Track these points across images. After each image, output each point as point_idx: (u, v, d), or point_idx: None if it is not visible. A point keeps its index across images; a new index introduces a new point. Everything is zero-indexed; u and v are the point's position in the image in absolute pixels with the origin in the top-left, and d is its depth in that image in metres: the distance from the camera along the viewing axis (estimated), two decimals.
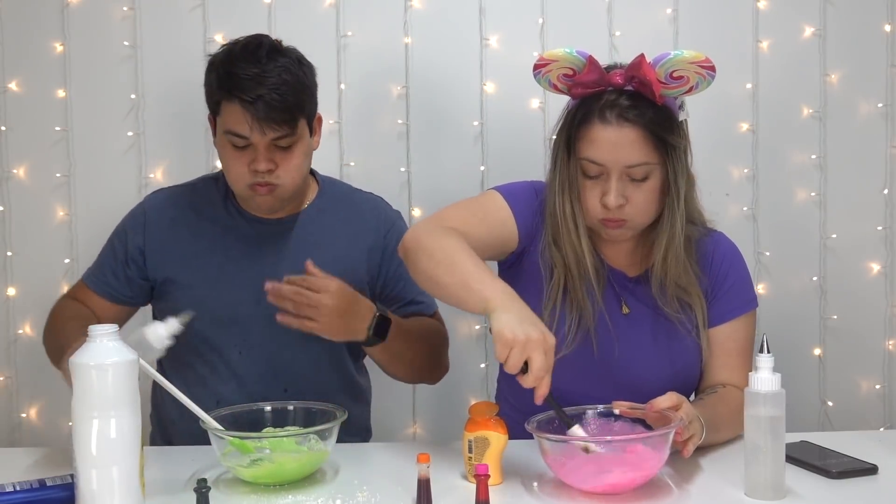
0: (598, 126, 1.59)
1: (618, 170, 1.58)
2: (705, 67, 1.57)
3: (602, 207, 1.61)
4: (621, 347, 1.68)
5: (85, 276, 1.92)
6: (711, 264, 1.72)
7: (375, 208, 1.95)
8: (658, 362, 1.69)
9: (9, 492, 1.38)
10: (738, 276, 1.74)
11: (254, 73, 1.69)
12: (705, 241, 1.73)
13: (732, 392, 1.64)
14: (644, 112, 1.58)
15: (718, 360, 1.71)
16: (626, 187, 1.60)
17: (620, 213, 1.60)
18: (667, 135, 1.59)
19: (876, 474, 1.50)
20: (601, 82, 1.60)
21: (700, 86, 1.60)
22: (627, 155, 1.58)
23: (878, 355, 2.46)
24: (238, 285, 1.82)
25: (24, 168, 2.36)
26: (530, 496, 1.44)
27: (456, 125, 2.39)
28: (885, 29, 2.41)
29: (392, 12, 2.36)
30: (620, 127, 1.57)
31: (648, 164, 1.59)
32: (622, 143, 1.57)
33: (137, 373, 1.34)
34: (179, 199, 1.89)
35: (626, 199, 1.60)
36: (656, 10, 2.38)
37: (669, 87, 1.58)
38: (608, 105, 1.59)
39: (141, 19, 2.34)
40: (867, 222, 2.44)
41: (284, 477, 1.48)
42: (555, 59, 1.63)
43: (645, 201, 1.61)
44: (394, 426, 2.39)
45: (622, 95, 1.59)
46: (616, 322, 1.68)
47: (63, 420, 2.35)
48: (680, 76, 1.58)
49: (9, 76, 2.34)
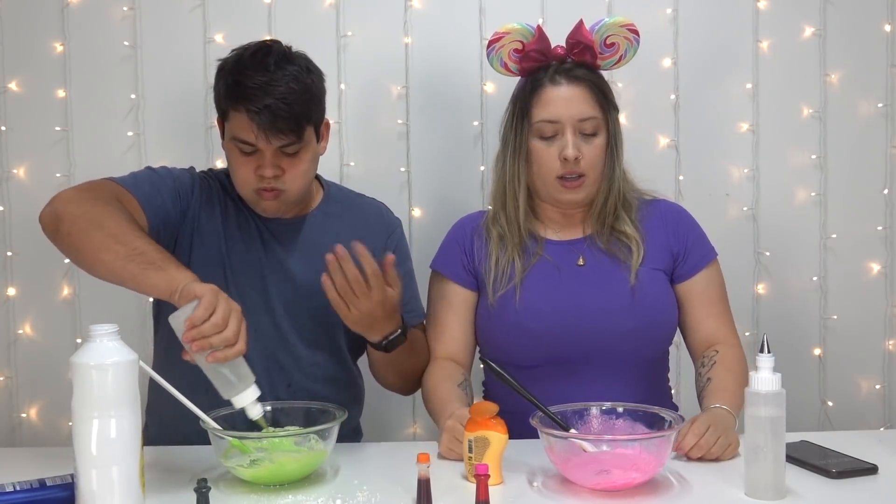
0: (549, 88, 1.79)
1: (571, 124, 1.77)
2: (633, 32, 1.85)
3: (562, 163, 1.77)
4: (582, 295, 1.79)
5: (118, 180, 1.75)
6: (666, 223, 1.87)
7: (379, 214, 1.97)
8: (618, 302, 1.78)
9: (9, 492, 1.38)
10: (696, 231, 1.90)
11: (261, 82, 1.69)
12: (653, 204, 1.90)
13: (727, 354, 1.78)
14: (588, 73, 1.81)
15: (701, 310, 1.84)
16: (580, 144, 1.77)
17: (577, 166, 1.77)
18: (608, 93, 1.82)
19: (876, 474, 1.50)
20: (547, 53, 1.82)
21: (627, 54, 1.87)
22: (579, 108, 1.78)
23: (878, 355, 2.46)
24: (247, 280, 1.82)
25: (24, 168, 2.36)
26: (530, 496, 1.44)
27: (456, 125, 2.39)
28: (885, 29, 2.41)
29: (392, 12, 2.36)
30: (570, 85, 1.79)
31: (596, 119, 1.79)
32: (574, 98, 1.78)
33: (137, 373, 1.34)
34: (210, 182, 1.88)
35: (581, 154, 1.77)
36: (656, 10, 2.38)
37: (604, 56, 1.85)
38: (556, 70, 1.81)
39: (141, 19, 2.34)
40: (867, 222, 2.44)
41: (284, 477, 1.48)
42: (507, 31, 1.84)
43: (596, 157, 1.79)
44: (394, 426, 2.40)
45: (564, 63, 1.82)
46: (574, 277, 1.81)
47: (63, 420, 2.36)
48: (612, 43, 1.84)
49: (9, 76, 2.35)
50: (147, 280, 1.49)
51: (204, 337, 1.41)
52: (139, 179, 1.77)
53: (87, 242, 1.55)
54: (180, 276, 1.48)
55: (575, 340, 1.76)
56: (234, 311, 1.45)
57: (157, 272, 1.49)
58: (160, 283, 1.48)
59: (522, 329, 1.77)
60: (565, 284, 1.80)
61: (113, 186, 1.72)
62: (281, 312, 1.83)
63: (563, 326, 1.76)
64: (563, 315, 1.77)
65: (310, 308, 1.83)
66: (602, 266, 1.82)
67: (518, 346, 1.78)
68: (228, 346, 1.43)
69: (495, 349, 1.82)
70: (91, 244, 1.55)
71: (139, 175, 1.80)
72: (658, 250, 1.84)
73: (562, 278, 1.81)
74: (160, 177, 1.80)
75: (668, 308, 1.83)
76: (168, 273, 1.49)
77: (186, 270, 1.51)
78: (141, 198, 1.72)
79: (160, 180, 1.79)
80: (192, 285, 1.45)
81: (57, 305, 2.38)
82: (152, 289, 1.50)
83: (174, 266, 1.51)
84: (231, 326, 1.43)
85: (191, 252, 1.81)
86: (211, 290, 1.44)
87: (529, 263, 1.82)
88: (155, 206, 1.74)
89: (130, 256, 1.51)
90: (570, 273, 1.82)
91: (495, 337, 1.82)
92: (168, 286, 1.48)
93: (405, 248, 1.98)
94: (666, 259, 1.84)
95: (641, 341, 1.79)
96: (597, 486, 1.42)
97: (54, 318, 2.38)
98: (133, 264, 1.51)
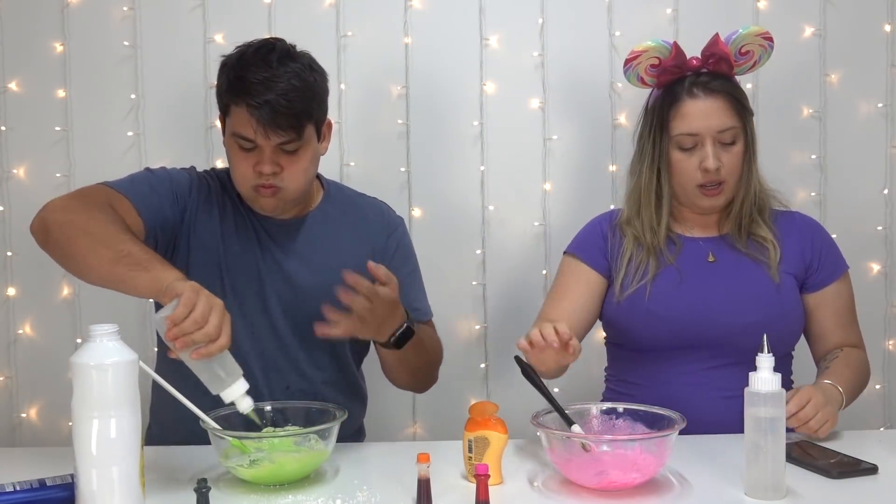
0: (688, 102, 1.82)
1: (711, 136, 1.81)
2: (767, 39, 1.87)
3: (702, 173, 1.81)
4: (715, 291, 1.82)
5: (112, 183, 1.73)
6: (801, 234, 1.90)
7: (380, 213, 1.96)
8: (746, 302, 1.81)
9: (9, 492, 1.38)
10: (830, 243, 1.93)
11: (263, 78, 1.68)
12: (788, 215, 1.94)
13: (852, 353, 1.85)
14: (724, 83, 1.84)
15: (831, 320, 1.88)
16: (720, 153, 1.81)
17: (718, 175, 1.81)
18: (744, 101, 1.85)
19: (876, 474, 1.50)
20: (682, 66, 1.85)
21: (762, 59, 1.89)
22: (718, 120, 1.81)
23: (878, 355, 2.46)
24: (244, 282, 1.82)
25: (24, 168, 2.37)
26: (530, 496, 1.44)
27: (456, 125, 2.39)
28: (885, 29, 2.41)
29: (392, 12, 2.36)
30: (708, 97, 1.82)
31: (734, 128, 1.82)
32: (712, 110, 1.81)
33: (137, 373, 1.34)
34: (210, 181, 1.87)
35: (721, 163, 1.81)
36: (656, 10, 2.38)
37: (739, 63, 1.87)
38: (693, 83, 1.83)
39: (141, 19, 2.34)
40: (867, 222, 2.44)
41: (284, 477, 1.48)
42: (644, 49, 1.86)
43: (735, 164, 1.83)
44: (394, 426, 2.40)
45: (700, 76, 1.84)
46: (705, 271, 1.85)
47: (63, 420, 2.36)
48: (746, 51, 1.86)
49: (9, 76, 2.35)
50: (133, 281, 1.49)
51: (186, 334, 1.41)
52: (136, 182, 1.77)
53: (75, 249, 1.56)
54: (165, 276, 1.48)
55: (699, 328, 1.80)
56: (214, 306, 1.44)
57: (143, 273, 1.49)
58: (146, 283, 1.48)
59: (650, 314, 1.81)
60: (695, 277, 1.84)
61: (105, 192, 1.71)
62: (278, 313, 1.83)
63: (688, 314, 1.80)
64: (690, 303, 1.81)
65: (309, 309, 1.82)
66: (734, 263, 1.85)
67: (645, 332, 1.83)
68: (211, 342, 1.43)
69: (621, 334, 1.88)
70: (78, 251, 1.56)
71: (136, 177, 1.79)
72: (792, 256, 1.87)
73: (692, 272, 1.85)
74: (158, 179, 1.80)
75: (798, 309, 1.85)
76: (153, 273, 1.49)
77: (172, 269, 1.51)
78: (136, 201, 1.71)
79: (158, 182, 1.78)
80: (174, 284, 1.45)
81: (57, 305, 2.38)
82: (140, 290, 1.50)
83: (160, 266, 1.51)
84: (212, 321, 1.42)
85: (189, 253, 1.81)
86: (190, 288, 1.44)
87: (663, 264, 1.85)
88: (152, 209, 1.74)
89: (117, 259, 1.51)
90: (699, 266, 1.86)
91: (622, 322, 1.86)
92: (154, 286, 1.48)
93: (408, 246, 1.96)
94: (798, 266, 1.87)
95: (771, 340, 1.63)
96: (597, 486, 1.42)
97: (54, 318, 2.39)
98: (120, 267, 1.51)
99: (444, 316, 1.99)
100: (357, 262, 1.84)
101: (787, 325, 1.85)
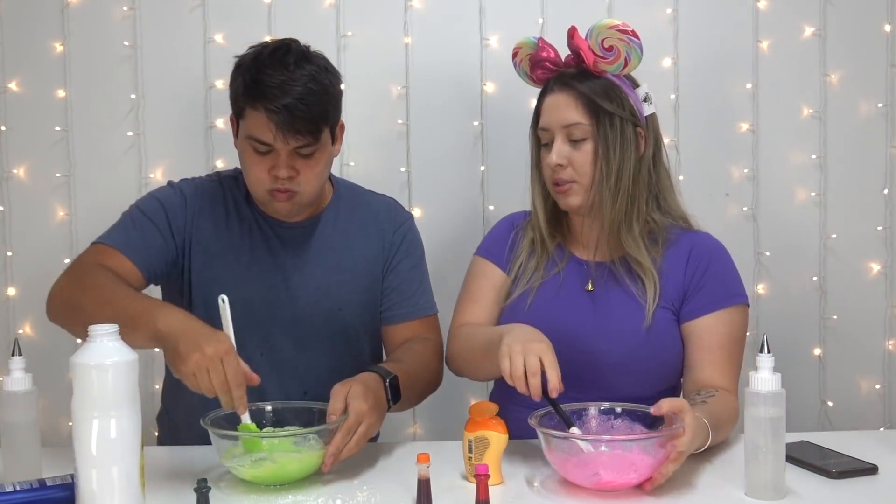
0: (546, 97, 1.80)
1: (559, 130, 1.76)
2: (625, 33, 1.75)
3: (549, 169, 1.76)
4: (585, 322, 1.75)
5: (105, 239, 1.76)
6: (689, 259, 1.76)
7: (389, 210, 1.95)
8: (620, 336, 1.72)
9: (9, 492, 1.38)
10: (719, 271, 1.76)
11: (280, 81, 1.66)
12: (685, 236, 1.79)
13: (726, 397, 1.65)
14: (583, 80, 1.76)
15: (697, 355, 1.72)
16: (570, 151, 1.75)
17: (563, 173, 1.75)
18: (601, 101, 1.74)
19: (876, 474, 1.50)
20: (556, 63, 1.81)
21: (632, 58, 1.76)
22: (564, 114, 1.75)
23: (878, 355, 2.46)
24: (260, 287, 1.81)
25: (24, 168, 2.37)
26: (530, 496, 1.44)
27: (456, 125, 2.39)
28: (885, 29, 2.41)
29: (392, 12, 2.36)
30: (561, 92, 1.77)
31: (581, 125, 1.74)
32: (560, 104, 1.76)
33: (137, 373, 1.34)
34: (208, 191, 1.85)
35: (568, 161, 1.75)
36: (656, 10, 2.38)
37: (606, 60, 1.76)
38: (556, 79, 1.80)
39: (141, 19, 2.34)
40: (867, 222, 2.44)
41: (285, 477, 1.48)
42: (520, 46, 1.86)
43: (584, 163, 1.75)
44: (394, 426, 2.39)
45: (568, 72, 1.79)
46: (581, 299, 1.78)
47: (63, 420, 2.36)
48: (610, 47, 1.76)
49: (9, 76, 2.35)
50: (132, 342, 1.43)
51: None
52: (126, 229, 1.77)
53: (75, 330, 1.64)
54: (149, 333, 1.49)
55: (569, 361, 1.57)
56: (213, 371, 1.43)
57: (133, 333, 1.45)
58: (142, 343, 1.48)
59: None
60: (572, 305, 1.77)
61: (97, 252, 1.73)
62: (292, 318, 1.81)
63: (561, 344, 1.61)
64: (563, 335, 1.66)
65: (325, 311, 1.82)
66: (609, 296, 1.76)
67: None
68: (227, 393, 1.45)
69: None
70: (77, 330, 1.62)
71: (127, 223, 1.78)
72: (673, 287, 1.75)
73: (569, 298, 1.78)
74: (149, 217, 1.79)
75: (675, 346, 1.74)
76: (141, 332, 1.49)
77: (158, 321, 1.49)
78: (129, 252, 1.73)
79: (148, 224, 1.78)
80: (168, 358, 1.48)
81: None
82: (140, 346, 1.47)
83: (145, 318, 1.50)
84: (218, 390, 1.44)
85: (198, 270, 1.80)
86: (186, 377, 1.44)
87: (548, 275, 1.81)
88: (146, 254, 1.75)
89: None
90: (577, 294, 1.78)
91: None
92: (150, 343, 1.50)
93: (414, 240, 1.95)
94: (677, 295, 1.75)
95: (639, 379, 1.72)
96: (595, 487, 1.42)
97: None
98: None
99: (443, 316, 1.98)
100: (369, 260, 1.84)
101: (661, 364, 1.74)
